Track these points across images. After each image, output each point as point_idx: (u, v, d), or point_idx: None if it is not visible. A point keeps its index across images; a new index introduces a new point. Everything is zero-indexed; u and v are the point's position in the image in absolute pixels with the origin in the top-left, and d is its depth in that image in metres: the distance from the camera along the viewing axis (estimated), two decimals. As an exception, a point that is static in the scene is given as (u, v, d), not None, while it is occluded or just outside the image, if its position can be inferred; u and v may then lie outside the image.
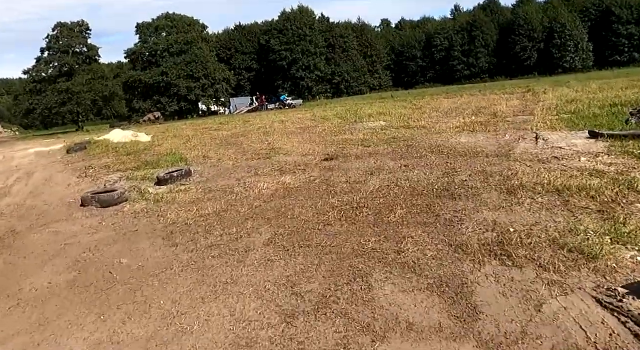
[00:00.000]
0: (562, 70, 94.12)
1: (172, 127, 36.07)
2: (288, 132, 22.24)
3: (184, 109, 73.95)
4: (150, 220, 9.69)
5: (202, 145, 20.86)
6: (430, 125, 18.58)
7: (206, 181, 12.82)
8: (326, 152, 15.07)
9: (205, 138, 24.04)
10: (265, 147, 17.83)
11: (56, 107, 79.24)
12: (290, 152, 15.94)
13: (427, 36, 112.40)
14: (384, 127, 19.79)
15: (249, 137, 22.15)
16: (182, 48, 73.67)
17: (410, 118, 21.51)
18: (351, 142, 16.61)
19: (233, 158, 16.07)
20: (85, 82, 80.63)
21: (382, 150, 14.15)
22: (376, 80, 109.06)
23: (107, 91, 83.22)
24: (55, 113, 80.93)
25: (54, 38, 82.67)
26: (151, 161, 17.27)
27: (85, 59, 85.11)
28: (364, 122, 22.54)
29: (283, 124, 26.00)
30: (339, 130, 20.31)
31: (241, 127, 27.74)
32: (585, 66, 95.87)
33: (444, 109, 23.49)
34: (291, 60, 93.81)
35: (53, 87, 79.67)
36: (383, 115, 23.79)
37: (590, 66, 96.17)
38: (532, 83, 51.26)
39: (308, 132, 21.24)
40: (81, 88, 79.37)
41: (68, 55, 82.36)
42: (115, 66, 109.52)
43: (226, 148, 19.09)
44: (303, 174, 11.93)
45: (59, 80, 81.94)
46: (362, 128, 20.16)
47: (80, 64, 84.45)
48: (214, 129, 28.99)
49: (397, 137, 16.36)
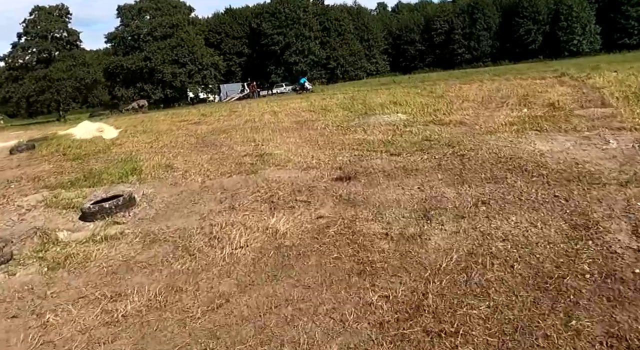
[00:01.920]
0: (568, 53, 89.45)
1: (150, 119, 31.36)
2: (282, 127, 17.65)
3: (169, 96, 68.72)
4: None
5: (172, 147, 16.34)
6: (471, 120, 14.02)
7: (153, 218, 8.23)
8: (337, 162, 10.51)
9: (180, 135, 19.48)
10: (251, 152, 13.27)
11: (34, 95, 74.15)
12: (284, 161, 11.37)
13: (426, 19, 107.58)
14: (406, 122, 15.21)
15: (232, 134, 17.58)
16: (167, 31, 68.26)
17: (436, 109, 16.93)
18: (369, 145, 12.06)
19: (205, 170, 11.49)
20: (65, 69, 75.55)
21: (421, 161, 9.58)
22: (373, 65, 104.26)
23: (89, 78, 78.13)
24: (33, 101, 75.86)
25: (32, 22, 77.46)
26: (96, 171, 12.77)
27: (66, 44, 79.94)
28: (376, 113, 17.94)
29: (275, 116, 21.37)
30: (347, 126, 15.73)
31: (225, 120, 23.09)
32: (592, 49, 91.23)
33: (473, 98, 18.89)
34: (284, 44, 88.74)
35: (30, 75, 74.61)
36: (398, 105, 19.19)
37: (597, 49, 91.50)
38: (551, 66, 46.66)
39: (307, 128, 16.67)
40: (60, 75, 74.28)
41: (47, 40, 77.24)
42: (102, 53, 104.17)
43: (200, 152, 14.52)
44: (306, 212, 7.36)
45: (36, 66, 76.94)
46: (377, 123, 15.57)
47: (60, 50, 79.35)
48: (194, 121, 24.35)
49: (432, 139, 11.81)
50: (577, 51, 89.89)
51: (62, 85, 74.80)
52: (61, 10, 79.40)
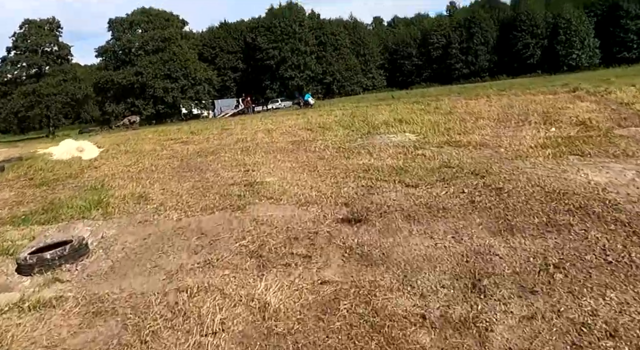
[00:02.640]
0: (567, 68, 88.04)
1: (137, 136, 29.44)
2: (276, 148, 15.80)
3: (161, 112, 66.62)
4: None
5: (151, 171, 14.47)
6: (493, 142, 12.22)
7: (106, 274, 6.37)
8: (341, 195, 8.68)
9: (163, 156, 17.60)
10: (240, 179, 11.44)
11: (22, 110, 72.21)
12: (278, 192, 9.53)
13: (423, 33, 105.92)
14: (416, 143, 13.41)
15: (221, 156, 15.73)
16: (159, 45, 66.15)
17: (448, 128, 15.14)
18: (378, 172, 10.24)
19: (183, 203, 9.65)
20: (55, 84, 73.71)
21: (447, 196, 7.75)
22: (369, 80, 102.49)
23: (80, 93, 76.25)
24: (21, 117, 73.92)
25: (21, 36, 75.70)
26: (58, 203, 10.89)
27: (56, 58, 78.15)
28: (381, 133, 16.13)
29: (269, 135, 19.51)
30: (349, 148, 13.90)
31: (216, 139, 21.22)
32: (591, 64, 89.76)
33: (487, 115, 17.07)
34: (279, 59, 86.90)
35: (19, 90, 72.76)
36: (405, 123, 17.37)
37: (597, 64, 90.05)
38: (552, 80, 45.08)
39: (304, 150, 14.82)
40: (50, 90, 72.40)
41: (37, 54, 75.50)
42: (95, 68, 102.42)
43: (182, 178, 12.67)
44: (306, 272, 5.52)
45: (26, 81, 75.17)
46: (383, 144, 13.76)
47: (50, 64, 77.57)
48: (182, 140, 22.44)
49: (453, 165, 10.00)
50: (576, 65, 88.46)
51: (51, 101, 72.91)
52: (52, 23, 77.71)
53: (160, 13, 70.48)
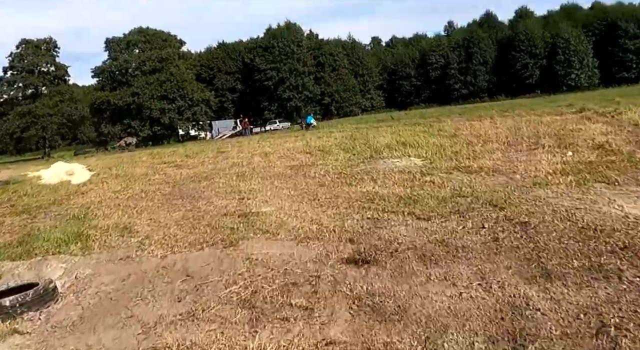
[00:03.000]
0: (566, 88, 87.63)
1: (131, 159, 28.59)
2: (273, 174, 14.96)
3: (157, 134, 65.78)
4: None
5: (140, 198, 13.63)
6: (506, 167, 11.37)
7: (73, 326, 5.48)
8: (345, 230, 7.81)
9: (155, 181, 16.76)
10: (234, 209, 10.57)
11: (17, 131, 71.49)
12: (275, 225, 8.66)
13: (421, 54, 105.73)
14: (423, 168, 12.57)
15: (215, 181, 14.89)
16: (156, 66, 65.54)
17: (455, 152, 14.32)
18: (384, 202, 9.39)
19: (170, 237, 8.78)
20: (51, 105, 73.10)
21: (465, 232, 6.88)
22: (368, 101, 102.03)
23: (77, 114, 75.61)
24: (16, 138, 73.21)
25: (18, 56, 75.27)
26: (36, 234, 10.01)
27: (53, 79, 77.73)
28: (384, 157, 15.29)
29: (267, 159, 18.68)
30: (351, 173, 13.05)
31: (211, 162, 20.39)
32: (591, 84, 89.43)
33: (495, 138, 16.25)
34: (278, 79, 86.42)
35: (15, 110, 72.12)
36: (408, 146, 16.54)
37: (596, 84, 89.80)
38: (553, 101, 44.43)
39: (303, 175, 13.98)
40: (46, 111, 71.75)
41: (33, 74, 74.99)
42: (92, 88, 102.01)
43: (172, 206, 11.81)
44: (307, 329, 4.63)
45: (22, 102, 74.59)
46: (387, 169, 12.92)
47: (47, 85, 77.09)
48: (176, 164, 21.60)
49: (466, 194, 9.16)
50: (575, 85, 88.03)
51: (47, 122, 72.28)
52: (49, 43, 77.37)
53: (158, 33, 70.07)
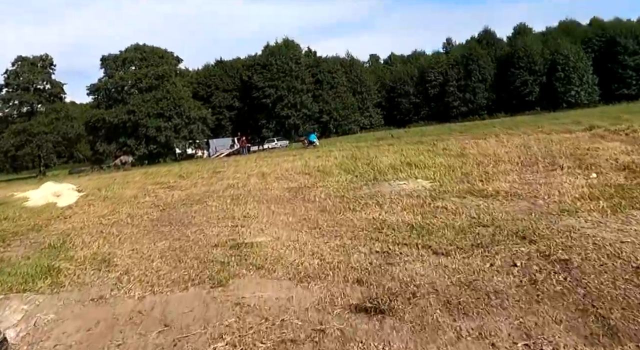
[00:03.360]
0: (566, 105, 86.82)
1: (123, 179, 27.61)
2: (270, 197, 13.95)
3: (153, 152, 64.73)
4: None
5: (126, 223, 12.64)
6: (525, 191, 10.36)
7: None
8: (351, 266, 6.78)
9: (144, 204, 15.79)
10: (227, 238, 9.55)
11: (12, 149, 70.49)
12: (271, 260, 7.62)
13: (420, 71, 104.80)
14: (432, 191, 11.56)
15: (208, 205, 13.91)
16: (152, 83, 64.67)
17: (466, 173, 13.34)
18: (393, 232, 8.38)
19: (152, 272, 7.75)
20: (47, 123, 72.22)
21: (494, 271, 5.86)
22: (366, 119, 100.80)
23: (73, 132, 74.72)
24: (10, 156, 72.18)
25: (13, 73, 74.52)
26: (5, 266, 8.99)
27: (49, 96, 76.94)
28: (388, 179, 14.29)
29: (264, 180, 17.70)
30: (354, 197, 12.04)
31: (205, 184, 19.41)
32: (591, 100, 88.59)
33: (507, 158, 15.28)
34: (276, 97, 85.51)
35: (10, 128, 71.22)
36: (414, 167, 15.55)
37: (596, 100, 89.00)
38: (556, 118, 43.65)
39: (302, 199, 12.98)
40: (41, 129, 70.85)
41: (29, 92, 74.16)
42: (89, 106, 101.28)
43: (158, 234, 10.79)
44: None
45: (17, 120, 73.73)
46: (393, 193, 11.92)
47: (42, 102, 76.29)
48: (169, 185, 20.63)
49: (486, 222, 8.17)
50: (575, 102, 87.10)
51: (42, 140, 71.35)
52: (45, 60, 76.68)
53: (154, 50, 69.27)
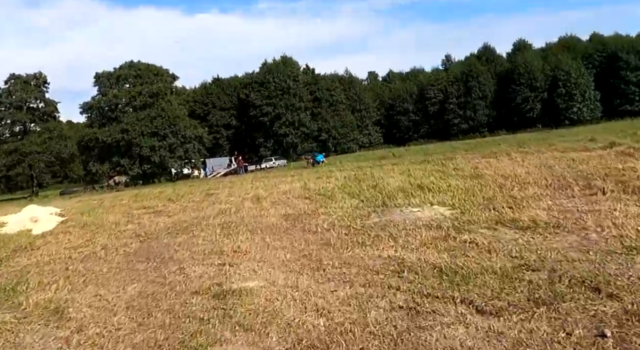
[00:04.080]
0: (568, 121, 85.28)
1: (111, 201, 25.90)
2: (266, 225, 12.25)
3: (147, 172, 62.85)
4: None
5: (98, 258, 10.96)
6: (569, 221, 8.68)
7: None
8: (369, 330, 5.09)
9: (124, 234, 14.09)
10: (210, 282, 7.88)
11: (3, 169, 68.69)
12: (263, 319, 5.91)
13: (419, 88, 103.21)
14: (454, 220, 9.88)
15: (194, 236, 12.22)
16: (147, 101, 62.99)
17: (489, 199, 11.67)
18: (417, 276, 6.71)
19: (111, 332, 6.08)
20: (39, 142, 70.47)
21: (570, 344, 4.17)
22: (366, 137, 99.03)
23: (66, 152, 72.93)
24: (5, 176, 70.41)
25: (6, 92, 72.78)
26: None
27: (42, 115, 75.22)
28: (399, 204, 12.60)
29: (259, 204, 16.01)
30: (362, 228, 10.34)
31: (195, 208, 17.72)
32: (593, 117, 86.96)
33: (531, 179, 13.65)
34: (274, 115, 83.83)
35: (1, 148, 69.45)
36: (427, 191, 13.89)
37: (598, 117, 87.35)
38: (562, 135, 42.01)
39: (302, 229, 11.28)
40: (34, 148, 69.04)
41: (21, 111, 72.43)
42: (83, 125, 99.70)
43: (130, 275, 9.11)
44: None
45: (9, 139, 71.98)
46: (408, 222, 10.23)
47: (35, 121, 74.62)
48: (156, 209, 18.94)
49: (534, 264, 6.54)
50: (577, 119, 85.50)
51: (35, 160, 69.53)
52: (38, 79, 74.95)
53: (149, 67, 67.57)
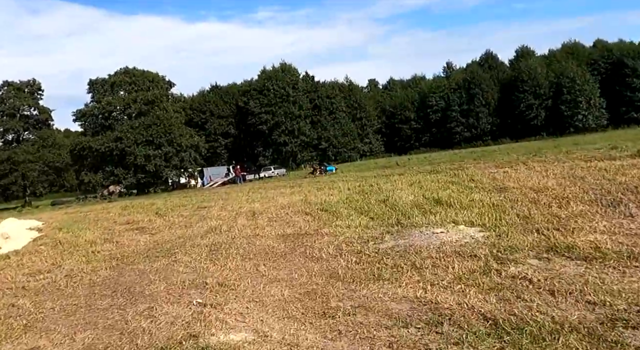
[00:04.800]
0: (574, 129, 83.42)
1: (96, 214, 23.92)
2: (260, 249, 10.35)
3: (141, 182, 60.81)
4: None
5: (55, 290, 9.12)
6: (633, 248, 6.82)
7: None
8: None
9: (97, 255, 12.21)
10: (184, 330, 6.06)
11: (-6, 178, 67.08)
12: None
13: (421, 96, 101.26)
14: (491, 247, 8.01)
15: (176, 260, 10.36)
16: (142, 108, 61.01)
17: (524, 217, 9.80)
18: (461, 330, 4.86)
19: None
20: (33, 151, 68.69)
21: None
22: (366, 146, 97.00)
23: (60, 161, 71.08)
24: (0, 185, 68.74)
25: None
26: None
27: (36, 123, 73.55)
28: (417, 223, 10.70)
29: (254, 222, 14.10)
30: (378, 256, 8.45)
31: (182, 224, 15.81)
32: (599, 125, 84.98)
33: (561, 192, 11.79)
34: (273, 123, 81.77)
35: (-8, 157, 67.84)
36: (446, 206, 12.03)
37: (604, 125, 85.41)
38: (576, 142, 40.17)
39: (303, 254, 9.40)
40: (26, 157, 67.22)
41: (14, 118, 70.70)
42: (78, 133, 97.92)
43: (87, 316, 7.28)
44: None
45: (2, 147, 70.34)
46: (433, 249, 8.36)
47: (29, 129, 72.96)
48: (140, 225, 17.02)
49: (624, 316, 4.65)
50: (583, 127, 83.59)
51: (28, 169, 67.69)
52: (32, 86, 73.47)
53: (145, 74, 65.63)
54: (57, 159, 71.07)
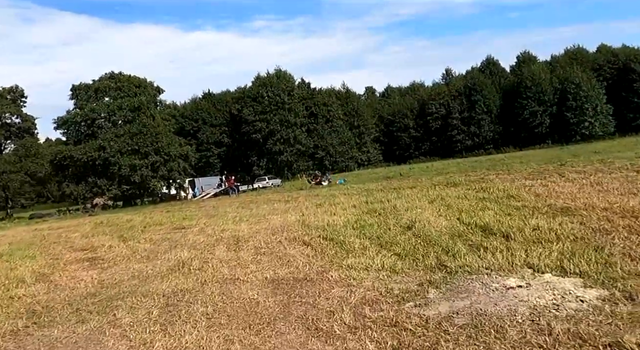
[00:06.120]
0: (580, 137, 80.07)
1: (55, 236, 20.47)
2: (237, 306, 6.91)
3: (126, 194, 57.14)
4: None
5: None
6: None
7: None
8: None
9: (13, 307, 8.74)
10: None
11: (-28, 189, 63.41)
12: None
13: (420, 103, 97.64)
14: (615, 318, 4.62)
15: (113, 321, 7.00)
16: (127, 116, 57.58)
17: (637, 258, 6.44)
18: None
19: None
20: (14, 160, 65.00)
21: None
22: (364, 155, 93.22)
23: (42, 171, 67.41)
24: (-30, 197, 65.14)
25: (-21, 107, 67.70)
26: None
27: (18, 131, 69.92)
28: (470, 267, 7.31)
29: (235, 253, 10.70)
30: (428, 334, 5.06)
31: (145, 255, 12.43)
32: (606, 132, 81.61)
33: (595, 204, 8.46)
34: (267, 131, 78.14)
35: (-30, 167, 64.15)
36: (503, 238, 8.65)
37: (611, 132, 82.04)
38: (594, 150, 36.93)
39: (303, 324, 6.02)
40: (7, 167, 63.54)
41: (-5, 127, 67.32)
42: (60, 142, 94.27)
43: None
44: None
45: (-20, 158, 66.81)
46: (518, 321, 4.97)
47: (11, 138, 69.38)
48: (95, 254, 13.70)
49: None
50: (589, 134, 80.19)
51: (9, 179, 63.98)
52: (15, 92, 69.85)
53: (131, 79, 62.02)
54: (39, 169, 67.51)
